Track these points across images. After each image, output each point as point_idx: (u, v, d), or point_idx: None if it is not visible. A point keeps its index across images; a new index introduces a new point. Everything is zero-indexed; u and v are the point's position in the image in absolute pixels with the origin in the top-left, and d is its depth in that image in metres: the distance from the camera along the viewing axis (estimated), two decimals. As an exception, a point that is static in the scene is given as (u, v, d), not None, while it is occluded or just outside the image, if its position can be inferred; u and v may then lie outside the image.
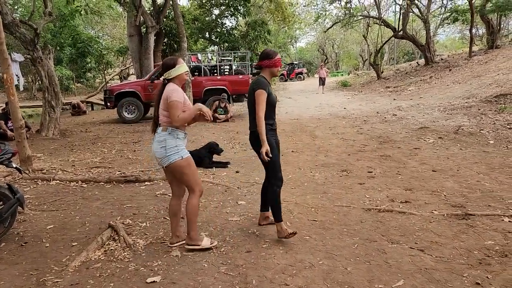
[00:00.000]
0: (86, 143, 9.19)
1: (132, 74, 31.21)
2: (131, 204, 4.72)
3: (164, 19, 20.36)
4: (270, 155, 3.38)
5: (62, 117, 11.82)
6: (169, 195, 4.97)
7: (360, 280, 2.85)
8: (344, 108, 14.35)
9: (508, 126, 8.50)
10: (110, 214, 4.38)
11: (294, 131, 9.97)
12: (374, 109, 13.62)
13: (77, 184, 5.65)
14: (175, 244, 3.53)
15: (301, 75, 43.06)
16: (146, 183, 5.63)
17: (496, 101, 11.43)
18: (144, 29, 18.69)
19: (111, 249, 3.45)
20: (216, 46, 26.18)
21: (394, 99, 16.37)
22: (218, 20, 25.13)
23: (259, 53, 3.73)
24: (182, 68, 3.32)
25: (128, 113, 13.00)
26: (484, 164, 5.94)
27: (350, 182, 5.31)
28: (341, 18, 28.20)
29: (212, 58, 18.98)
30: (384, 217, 4.03)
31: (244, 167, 6.46)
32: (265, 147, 3.38)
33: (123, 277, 3.00)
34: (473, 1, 21.62)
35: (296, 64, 45.47)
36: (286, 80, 41.67)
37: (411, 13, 26.29)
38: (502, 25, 25.62)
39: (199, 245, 3.40)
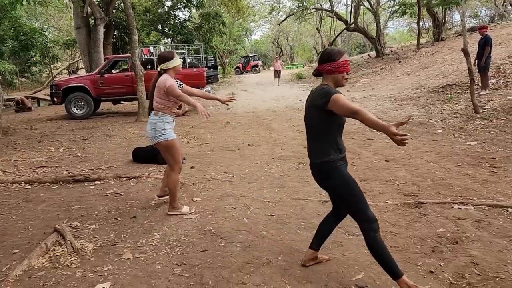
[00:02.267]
0: (31, 142, 8.66)
1: (81, 68, 29.88)
2: (80, 205, 4.46)
3: (114, 11, 19.62)
4: (404, 137, 2.15)
5: (4, 114, 11.11)
6: (121, 194, 4.80)
7: (318, 274, 2.83)
8: (300, 100, 14.44)
9: (454, 116, 8.87)
10: (56, 217, 4.12)
11: (250, 124, 9.91)
12: (328, 100, 13.77)
13: (20, 186, 5.29)
14: (162, 198, 4.35)
15: (256, 68, 43.15)
16: (96, 182, 5.35)
17: (442, 91, 11.92)
18: (92, 21, 17.91)
19: (57, 255, 3.22)
20: (169, 39, 25.59)
21: (348, 91, 16.69)
22: (171, 12, 24.54)
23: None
24: (177, 60, 3.92)
25: (76, 109, 12.38)
26: (434, 152, 6.15)
27: (306, 175, 5.29)
28: (295, 10, 28.47)
29: (166, 51, 18.50)
30: (340, 209, 4.03)
31: (199, 162, 6.31)
32: (392, 128, 2.16)
33: (70, 285, 2.81)
34: (420, -5, 22.46)
35: (251, 56, 45.60)
36: (241, 73, 41.68)
37: (362, 6, 26.95)
38: (446, 18, 26.84)
39: (180, 212, 4.00)
